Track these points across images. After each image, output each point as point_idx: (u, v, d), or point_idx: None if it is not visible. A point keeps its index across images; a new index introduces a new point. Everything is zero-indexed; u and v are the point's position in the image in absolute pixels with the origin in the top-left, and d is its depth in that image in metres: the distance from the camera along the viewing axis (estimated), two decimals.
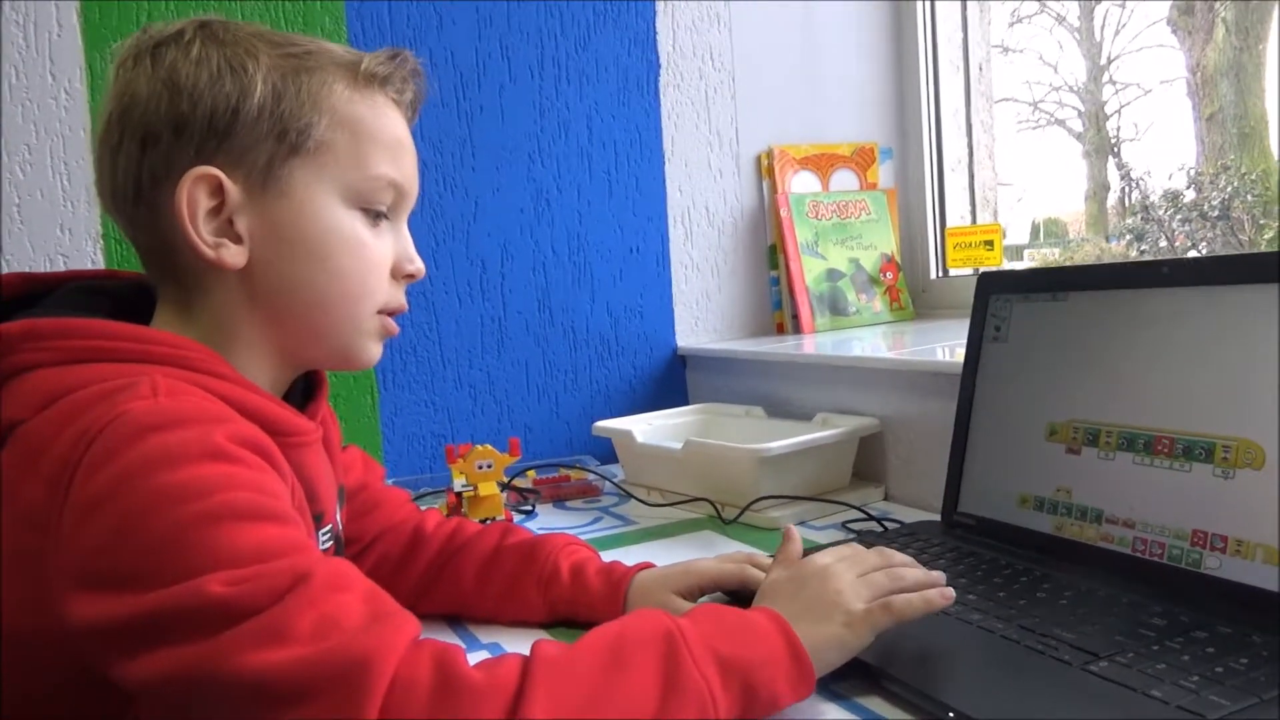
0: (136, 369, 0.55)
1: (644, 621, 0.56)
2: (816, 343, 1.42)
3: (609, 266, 1.50)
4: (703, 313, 1.58)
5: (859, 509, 1.05)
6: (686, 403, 1.54)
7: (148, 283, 0.66)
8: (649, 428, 1.29)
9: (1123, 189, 1.96)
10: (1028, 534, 0.83)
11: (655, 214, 1.54)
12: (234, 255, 0.61)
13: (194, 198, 0.60)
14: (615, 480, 1.26)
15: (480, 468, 0.99)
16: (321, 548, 0.68)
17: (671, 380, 1.56)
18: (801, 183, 1.62)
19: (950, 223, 1.68)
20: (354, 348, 0.67)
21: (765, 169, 1.61)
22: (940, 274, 1.68)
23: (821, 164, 1.64)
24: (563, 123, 1.47)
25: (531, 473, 1.32)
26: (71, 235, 1.21)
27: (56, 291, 0.64)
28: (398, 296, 0.68)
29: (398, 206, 0.68)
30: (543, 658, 0.51)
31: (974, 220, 1.71)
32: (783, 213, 1.57)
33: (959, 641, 0.65)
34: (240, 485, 0.52)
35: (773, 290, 1.62)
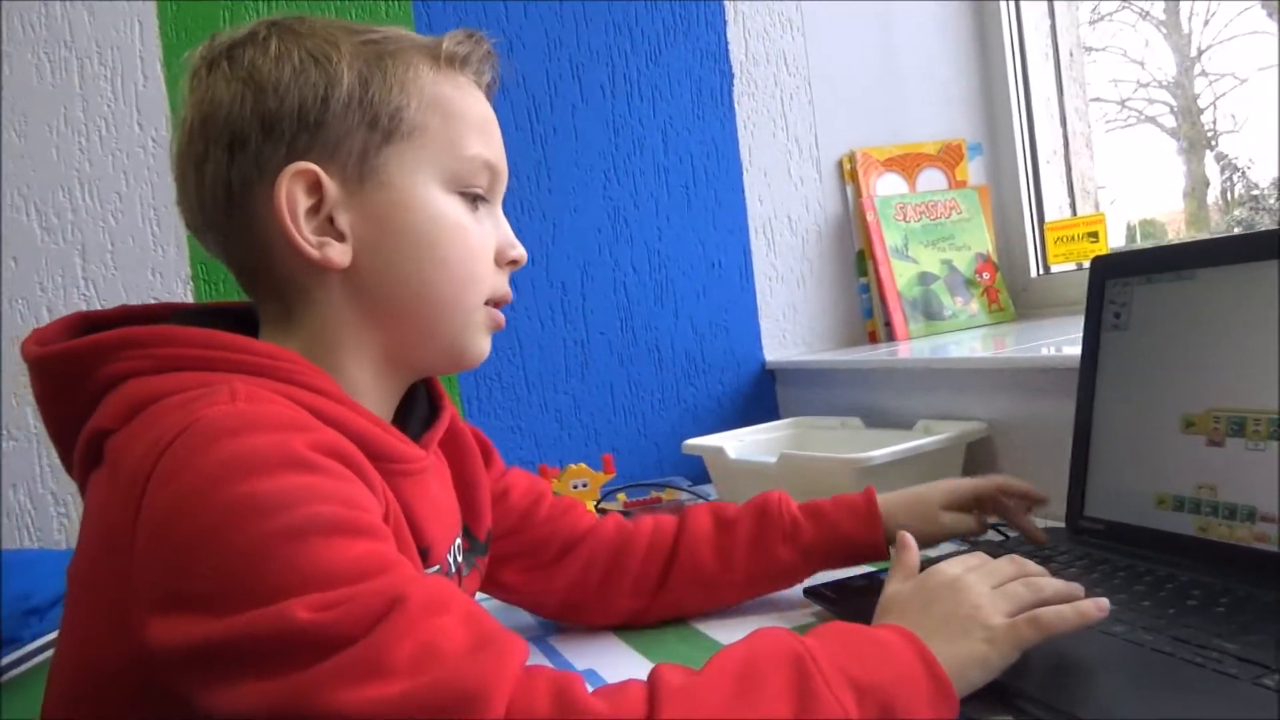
0: (221, 377, 0.52)
1: (771, 643, 0.51)
2: (912, 348, 1.36)
3: (691, 282, 1.47)
4: (790, 325, 1.53)
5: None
6: (778, 418, 1.49)
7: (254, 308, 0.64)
8: (741, 444, 1.24)
9: (1225, 182, 1.84)
10: (1167, 537, 0.76)
11: (736, 226, 1.50)
12: (339, 254, 0.58)
13: (293, 196, 0.57)
14: (709, 500, 1.21)
15: (575, 487, 0.96)
16: None
17: (761, 396, 1.51)
18: (887, 185, 1.56)
19: (1048, 217, 1.60)
20: (464, 342, 0.63)
21: (848, 173, 1.55)
22: (1041, 271, 1.60)
23: (907, 164, 1.58)
24: (637, 140, 1.44)
25: (622, 495, 1.28)
26: (162, 278, 1.24)
27: (181, 311, 0.62)
28: (503, 285, 0.65)
29: (494, 189, 0.64)
30: (667, 684, 0.47)
31: (1074, 213, 1.62)
32: (869, 217, 1.51)
33: (1103, 656, 0.58)
34: (325, 497, 0.48)
35: (862, 298, 1.55)
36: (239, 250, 0.60)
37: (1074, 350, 0.88)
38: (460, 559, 0.69)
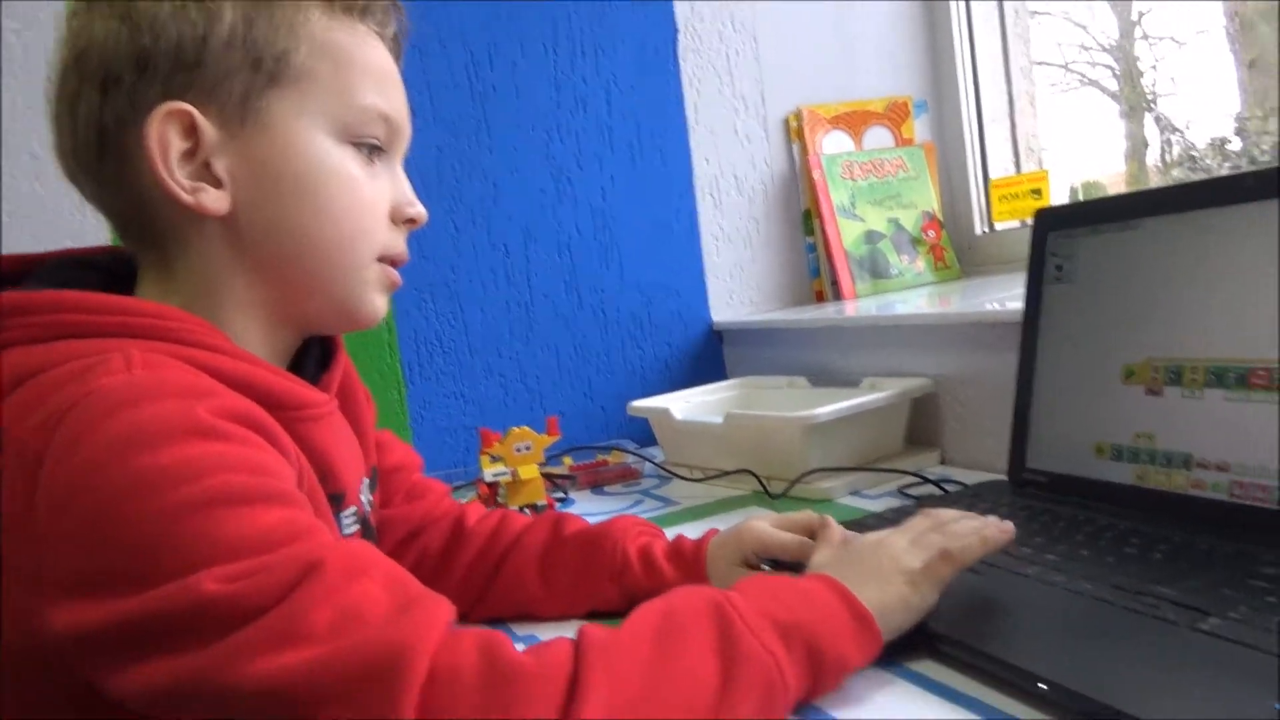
0: (113, 344, 0.50)
1: (690, 596, 0.51)
2: (859, 307, 1.35)
3: (637, 243, 1.44)
4: (737, 285, 1.51)
5: (915, 474, 0.97)
6: (725, 379, 1.48)
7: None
8: (687, 405, 1.23)
9: (1164, 143, 1.86)
10: (1106, 487, 0.76)
11: (682, 186, 1.47)
12: (215, 200, 0.55)
13: (165, 137, 0.54)
14: (655, 461, 1.20)
15: (519, 450, 0.93)
16: (346, 532, 0.62)
17: (708, 357, 1.50)
18: (833, 143, 1.55)
19: (993, 175, 1.60)
20: (355, 299, 0.61)
21: (795, 131, 1.53)
22: (986, 229, 1.60)
23: (853, 122, 1.57)
24: (580, 97, 1.41)
25: (567, 459, 1.26)
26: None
27: (45, 265, 0.59)
28: (398, 243, 0.62)
29: (392, 142, 0.61)
30: (593, 641, 0.46)
31: (1018, 170, 1.63)
32: (815, 175, 1.50)
33: (1044, 606, 0.58)
34: (232, 465, 0.46)
35: (809, 257, 1.54)
36: (113, 196, 0.57)
37: (1017, 305, 0.88)
38: (371, 500, 0.68)
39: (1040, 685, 0.48)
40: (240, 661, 0.42)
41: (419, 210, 0.63)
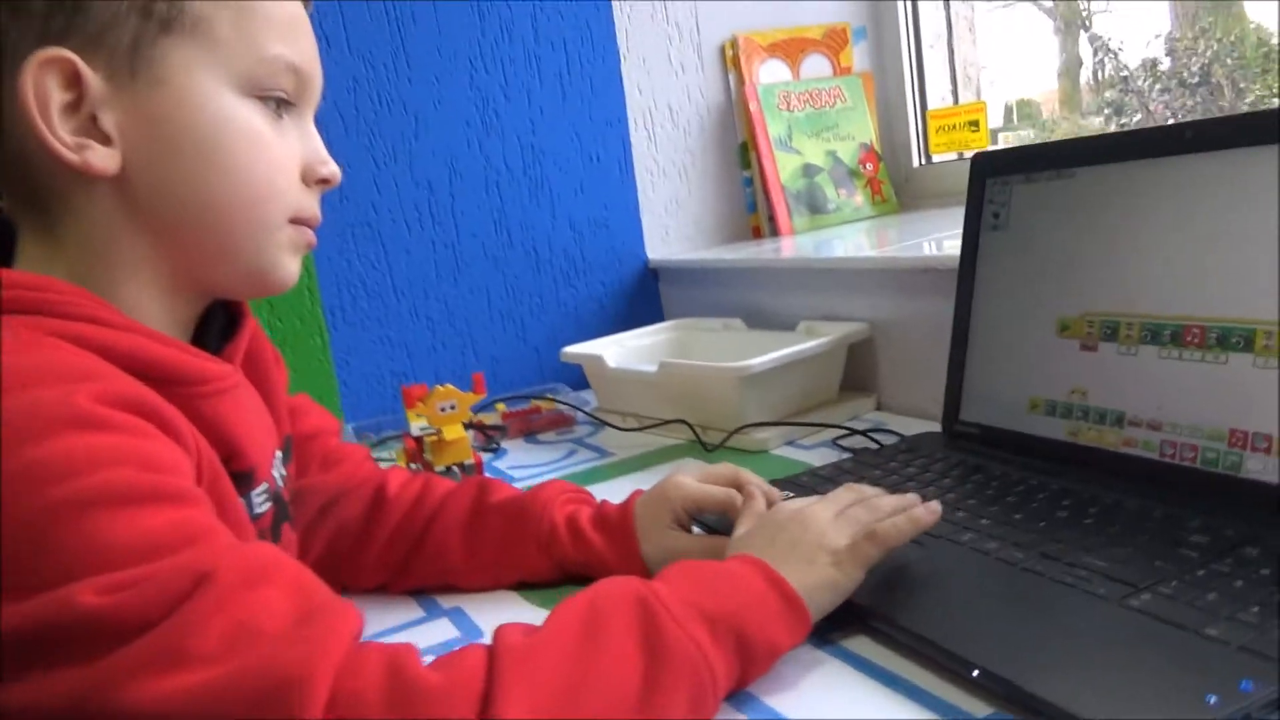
0: None
1: (612, 589, 0.50)
2: (796, 245, 1.33)
3: (568, 178, 1.39)
4: (673, 221, 1.47)
5: (848, 428, 0.96)
6: (662, 319, 1.45)
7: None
8: (621, 350, 1.20)
9: (1097, 63, 1.84)
10: (1039, 442, 0.76)
11: (614, 117, 1.42)
12: (103, 159, 0.50)
13: (43, 88, 0.48)
14: (588, 410, 1.18)
15: (443, 410, 0.89)
16: (256, 512, 0.58)
17: (644, 296, 1.46)
18: (770, 72, 1.50)
19: (931, 105, 1.57)
20: (265, 263, 0.56)
21: (730, 60, 1.48)
22: (923, 161, 1.57)
23: (791, 50, 1.52)
24: (505, 24, 1.33)
25: (501, 405, 1.23)
26: None
27: None
28: (311, 204, 0.57)
29: (302, 95, 0.56)
30: (508, 647, 0.44)
31: (956, 101, 1.60)
32: (752, 107, 1.45)
33: (974, 577, 0.58)
34: (118, 460, 0.42)
35: (746, 191, 1.51)
36: None
37: (955, 249, 0.86)
38: (284, 474, 0.64)
39: (973, 673, 0.47)
40: (124, 683, 0.38)
41: (332, 169, 0.58)
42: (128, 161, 0.51)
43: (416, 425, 0.94)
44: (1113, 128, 1.87)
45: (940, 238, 1.14)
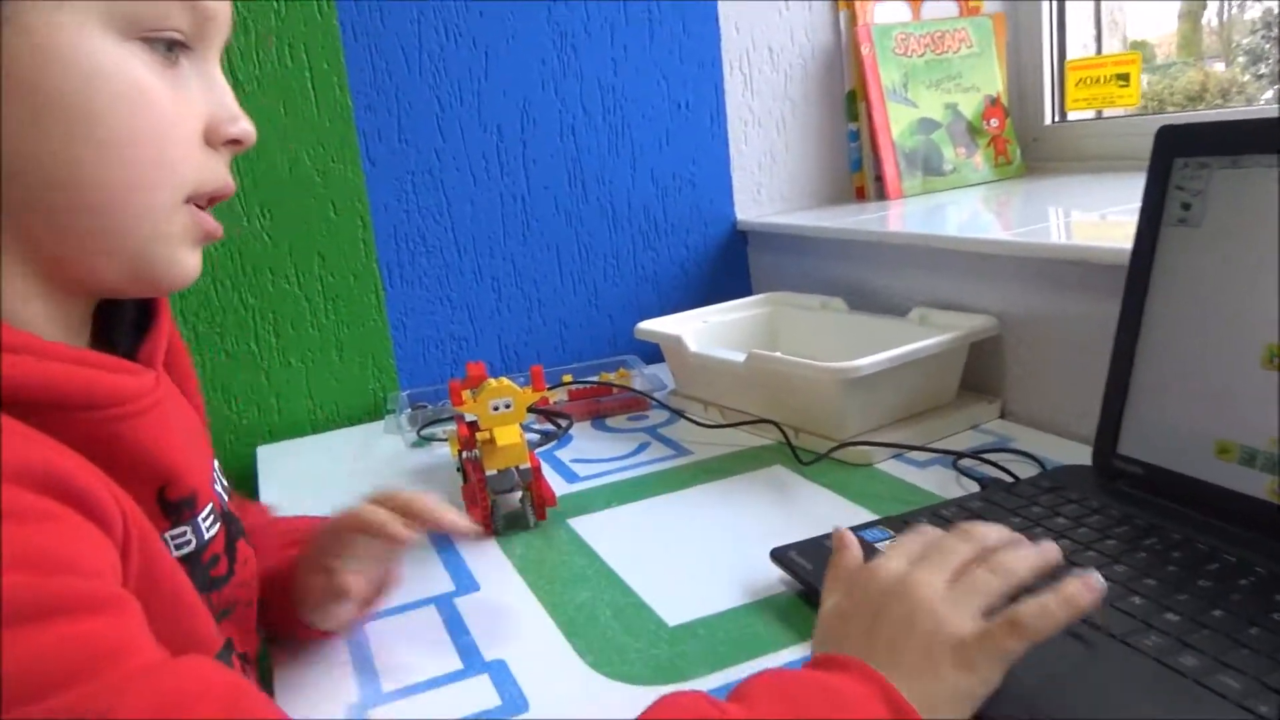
0: None
1: (674, 708, 0.38)
2: (905, 213, 1.16)
3: (652, 127, 1.24)
4: (766, 178, 1.32)
5: (976, 455, 0.82)
6: (751, 289, 1.31)
7: None
8: (704, 327, 1.07)
9: (1221, 9, 1.62)
10: (1230, 498, 0.60)
11: (707, 59, 1.26)
12: None
13: None
14: (662, 394, 1.05)
15: (495, 409, 0.76)
16: (207, 538, 0.49)
17: (731, 263, 1.32)
18: (888, 11, 1.32)
19: (1071, 54, 1.37)
20: (154, 258, 0.44)
21: None
22: (1056, 118, 1.38)
23: None
24: None
25: (567, 377, 1.11)
26: None
27: None
28: (217, 172, 0.46)
29: (202, 36, 0.45)
30: None
31: (1099, 50, 1.39)
32: (864, 50, 1.28)
33: (1120, 681, 0.44)
34: (9, 562, 0.32)
35: (851, 147, 1.34)
36: None
37: (1092, 229, 0.70)
38: (225, 485, 0.55)
39: None
40: None
41: (244, 128, 0.47)
42: None
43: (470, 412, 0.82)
44: (1248, 79, 1.64)
45: (1080, 208, 0.97)
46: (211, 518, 0.50)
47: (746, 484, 0.81)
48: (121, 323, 0.49)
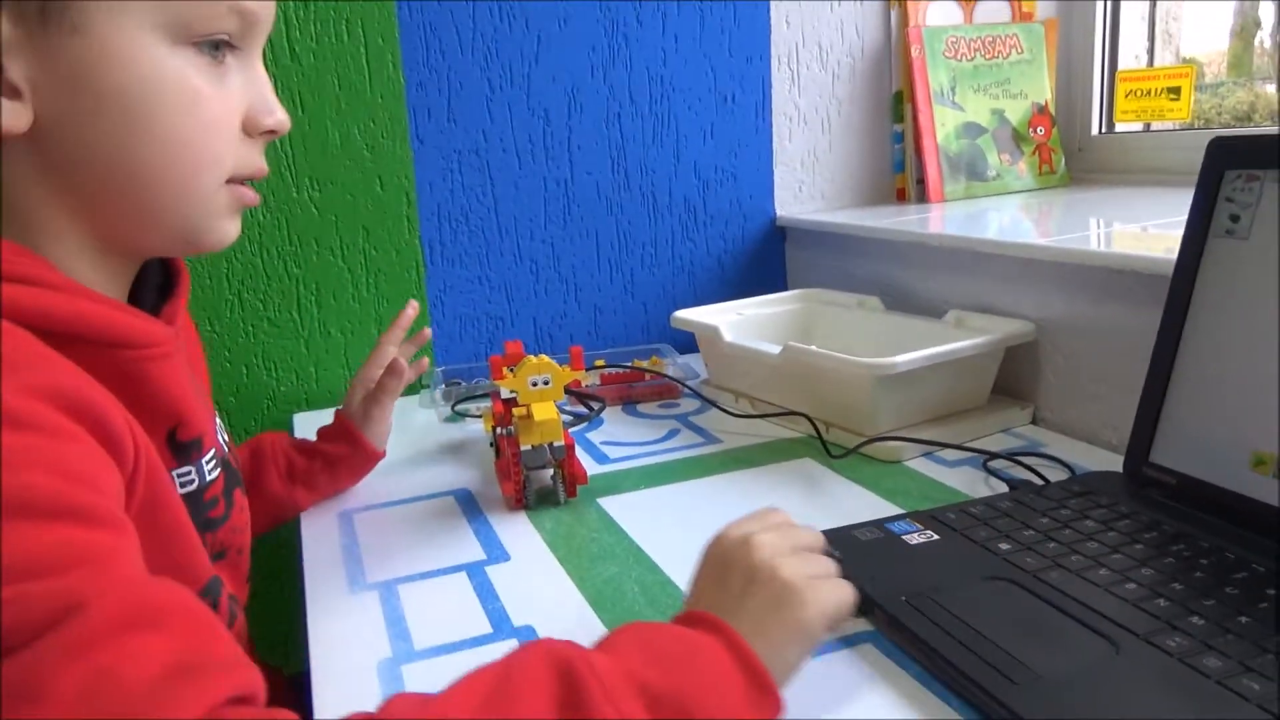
0: None
1: (535, 655, 0.41)
2: (946, 216, 1.16)
3: (697, 119, 1.25)
4: (808, 175, 1.32)
5: (1006, 455, 0.82)
6: (786, 285, 1.31)
7: None
8: (739, 319, 1.08)
9: (1276, 24, 1.59)
10: (1260, 509, 0.60)
11: (756, 53, 1.26)
12: (12, 114, 0.45)
13: None
14: (694, 383, 1.06)
15: (534, 384, 0.78)
16: (208, 479, 0.56)
17: (769, 257, 1.32)
18: (941, 13, 1.31)
19: (1123, 64, 1.36)
20: (199, 229, 0.52)
21: None
22: (1103, 129, 1.37)
23: None
24: None
25: (600, 362, 1.13)
26: None
27: None
28: (253, 159, 0.53)
29: (247, 36, 0.51)
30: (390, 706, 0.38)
31: (1151, 62, 1.38)
32: (914, 51, 1.28)
33: (1143, 680, 0.44)
34: (28, 464, 0.37)
35: (895, 148, 1.34)
36: None
37: (1132, 240, 0.70)
38: (227, 439, 0.64)
39: None
40: None
41: (279, 119, 0.53)
42: (41, 118, 0.45)
43: (507, 388, 0.84)
44: None
45: (1124, 220, 0.96)
46: (214, 462, 0.56)
47: (775, 474, 0.82)
48: (147, 287, 0.56)
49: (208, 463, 0.56)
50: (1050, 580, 0.56)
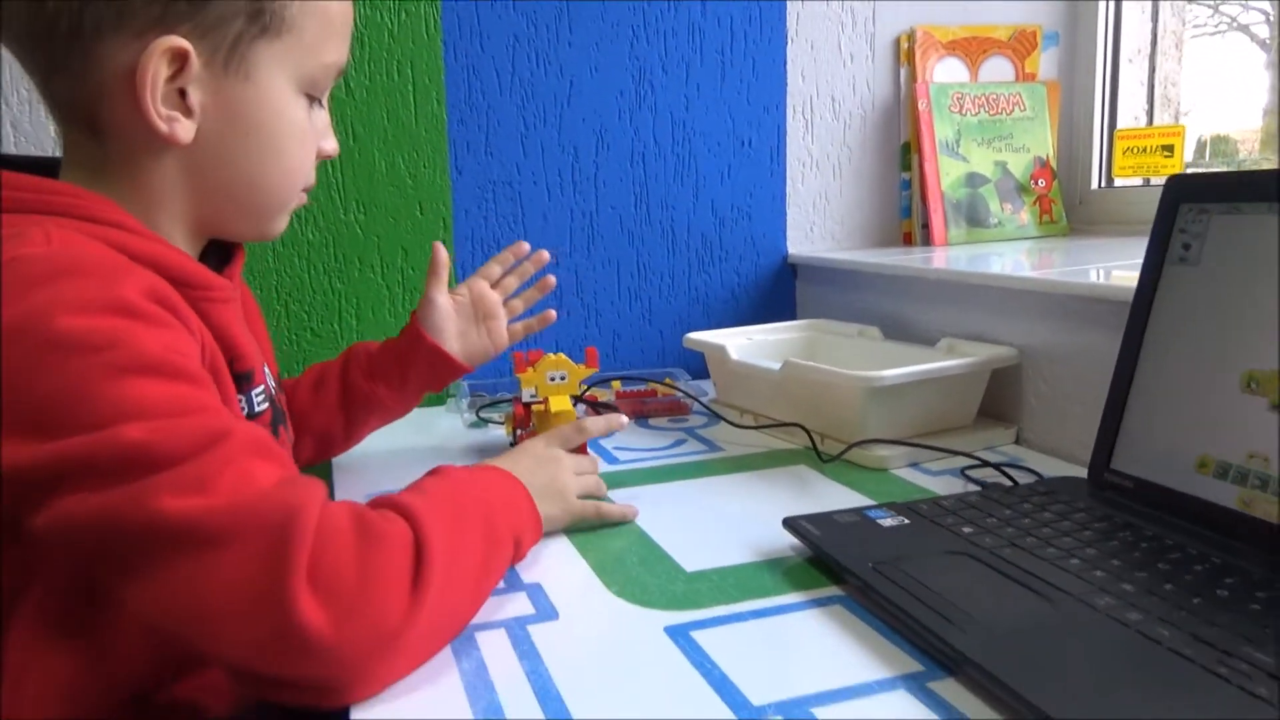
0: (33, 219, 0.53)
1: (474, 488, 0.64)
2: (948, 256, 1.24)
3: (716, 161, 1.34)
4: (819, 217, 1.41)
5: (980, 459, 0.89)
6: (794, 317, 1.39)
7: (53, 164, 0.61)
8: (747, 343, 1.15)
9: None
10: (1204, 506, 0.66)
11: (772, 103, 1.36)
12: (185, 131, 0.58)
13: (157, 69, 0.55)
14: (705, 400, 1.13)
15: (552, 379, 0.87)
16: (257, 410, 0.67)
17: (779, 291, 1.40)
18: (947, 71, 1.41)
19: (1122, 124, 1.44)
20: (274, 224, 0.67)
21: (905, 54, 1.40)
22: (1102, 183, 1.45)
23: (972, 49, 1.42)
24: None
25: (616, 383, 1.20)
26: None
27: None
28: (314, 175, 0.68)
29: (329, 88, 0.67)
30: (416, 510, 0.54)
31: (1150, 122, 1.46)
32: (921, 105, 1.37)
33: (1108, 649, 0.50)
34: (146, 339, 0.50)
35: (902, 195, 1.42)
36: (65, 81, 0.57)
37: (1128, 280, 0.77)
38: (276, 384, 0.75)
39: None
40: (153, 499, 0.45)
41: (333, 146, 0.69)
42: (200, 134, 0.58)
43: (527, 392, 0.92)
44: None
45: (1112, 266, 1.03)
46: (263, 396, 0.67)
47: (771, 476, 0.89)
48: (210, 257, 0.68)
49: (257, 395, 0.67)
50: (1004, 555, 0.62)
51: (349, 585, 0.48)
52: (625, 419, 0.79)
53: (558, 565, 0.70)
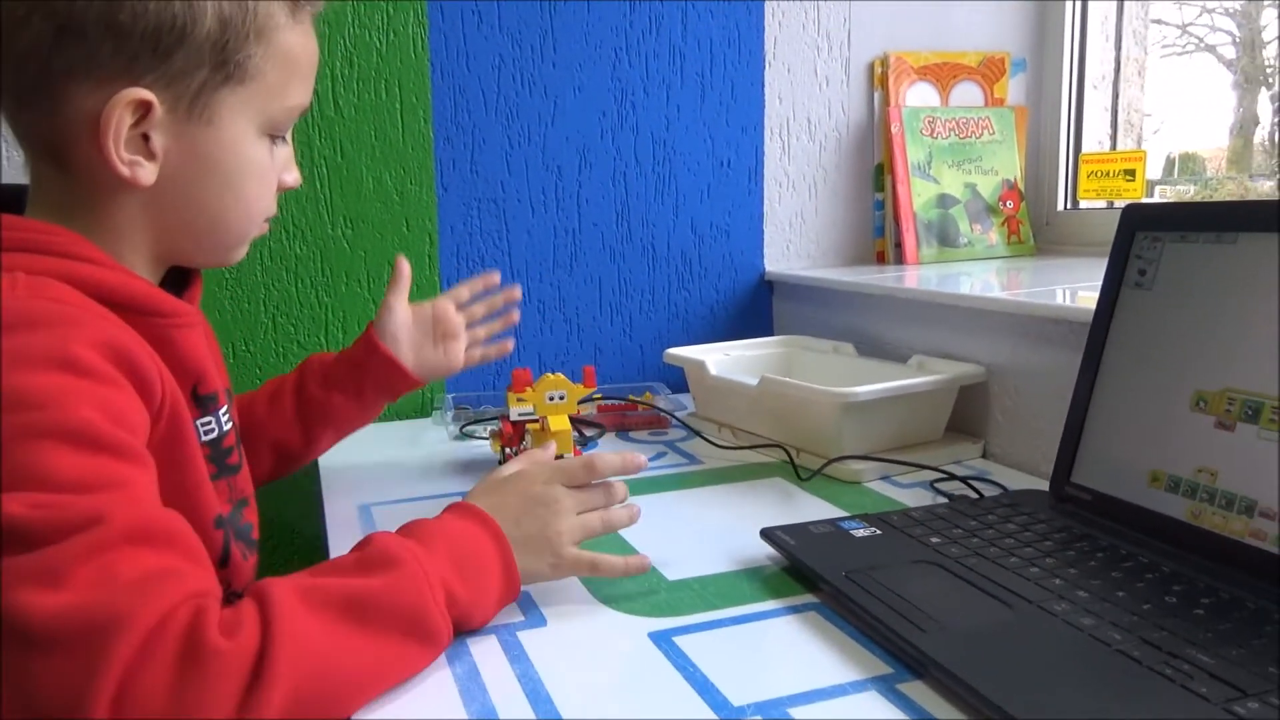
0: (4, 261, 0.54)
1: (398, 585, 0.55)
2: (920, 276, 1.28)
3: (696, 180, 1.38)
4: (795, 235, 1.45)
5: (947, 473, 0.92)
6: (771, 333, 1.43)
7: (19, 192, 0.63)
8: (725, 359, 1.19)
9: (1275, 123, 1.72)
10: (1156, 518, 0.70)
11: (750, 124, 1.40)
12: (147, 174, 0.59)
13: (121, 118, 0.57)
14: (682, 414, 1.16)
15: (551, 399, 0.90)
16: (225, 428, 0.69)
17: (756, 308, 1.44)
18: (918, 95, 1.45)
19: (1086, 148, 1.49)
20: (234, 254, 0.69)
21: (878, 78, 1.44)
22: (1068, 205, 1.50)
23: (943, 75, 1.47)
24: (654, 17, 1.33)
25: (598, 397, 1.23)
26: None
27: None
28: (274, 204, 0.69)
29: (290, 127, 0.68)
30: (279, 613, 0.49)
31: (1114, 146, 1.52)
32: (894, 128, 1.41)
33: (1063, 651, 0.54)
34: (80, 402, 0.50)
35: (876, 215, 1.47)
36: (35, 121, 0.59)
37: (1089, 302, 0.81)
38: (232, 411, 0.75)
39: None
40: (7, 586, 0.44)
41: (295, 178, 0.70)
42: (162, 176, 0.60)
43: (516, 410, 0.94)
44: None
45: (1076, 287, 1.08)
46: (227, 415, 0.69)
47: (748, 488, 0.92)
48: (169, 284, 0.69)
49: (223, 415, 0.68)
50: (969, 564, 0.66)
51: (156, 712, 0.44)
52: (644, 460, 0.72)
53: None
